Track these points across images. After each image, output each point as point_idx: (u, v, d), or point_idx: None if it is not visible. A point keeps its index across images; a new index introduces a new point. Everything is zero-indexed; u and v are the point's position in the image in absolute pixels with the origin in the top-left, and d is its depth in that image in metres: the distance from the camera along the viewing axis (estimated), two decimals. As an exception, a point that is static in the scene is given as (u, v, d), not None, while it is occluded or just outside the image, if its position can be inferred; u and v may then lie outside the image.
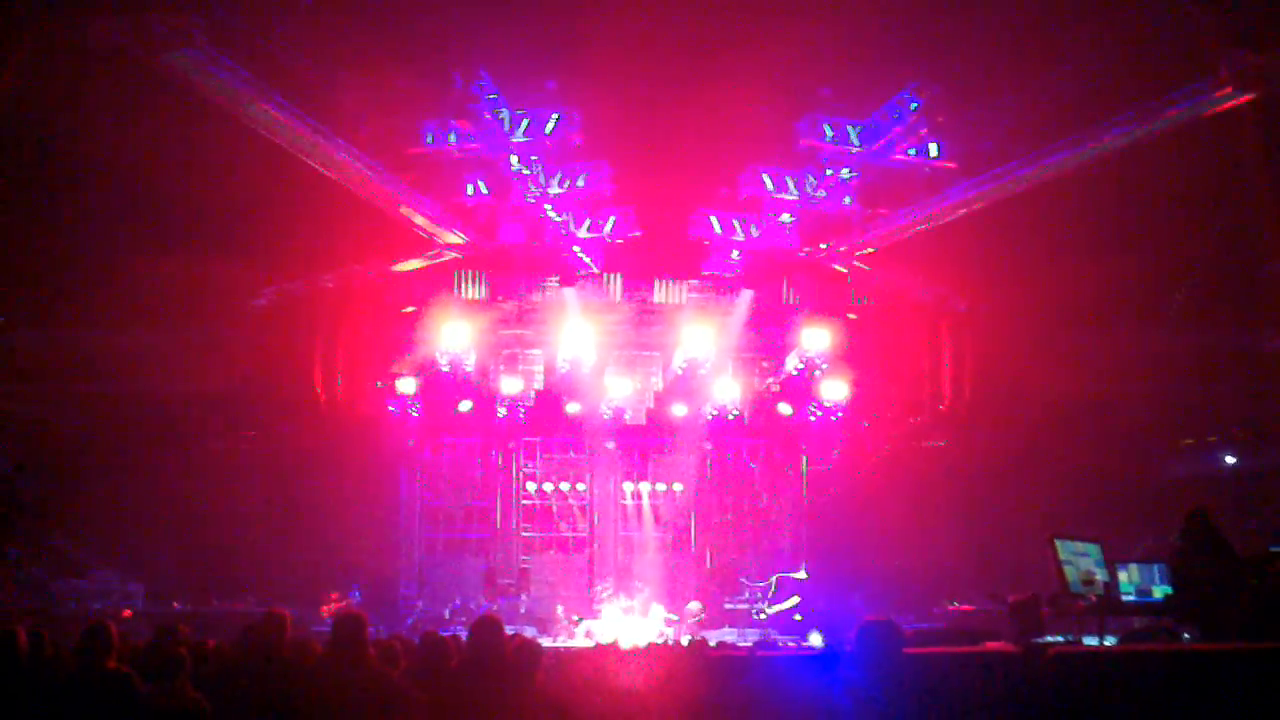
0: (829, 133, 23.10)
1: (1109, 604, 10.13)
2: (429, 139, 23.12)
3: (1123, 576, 10.19)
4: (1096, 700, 6.33)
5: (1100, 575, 10.08)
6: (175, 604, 19.81)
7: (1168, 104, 20.06)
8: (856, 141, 23.06)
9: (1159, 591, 10.31)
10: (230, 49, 18.57)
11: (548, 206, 23.42)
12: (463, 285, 24.97)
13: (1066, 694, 6.44)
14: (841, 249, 24.85)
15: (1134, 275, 21.23)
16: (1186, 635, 9.71)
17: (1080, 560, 9.96)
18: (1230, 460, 23.04)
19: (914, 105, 22.32)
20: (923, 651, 7.32)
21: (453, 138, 23.10)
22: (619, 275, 25.22)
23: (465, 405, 24.00)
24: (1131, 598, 10.12)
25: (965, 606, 21.29)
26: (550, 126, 22.58)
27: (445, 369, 23.33)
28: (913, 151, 23.36)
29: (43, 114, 17.88)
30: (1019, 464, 21.93)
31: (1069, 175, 21.37)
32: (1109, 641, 9.97)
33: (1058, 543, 9.78)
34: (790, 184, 23.53)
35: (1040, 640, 8.65)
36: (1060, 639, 10.16)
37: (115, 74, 17.77)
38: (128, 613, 18.22)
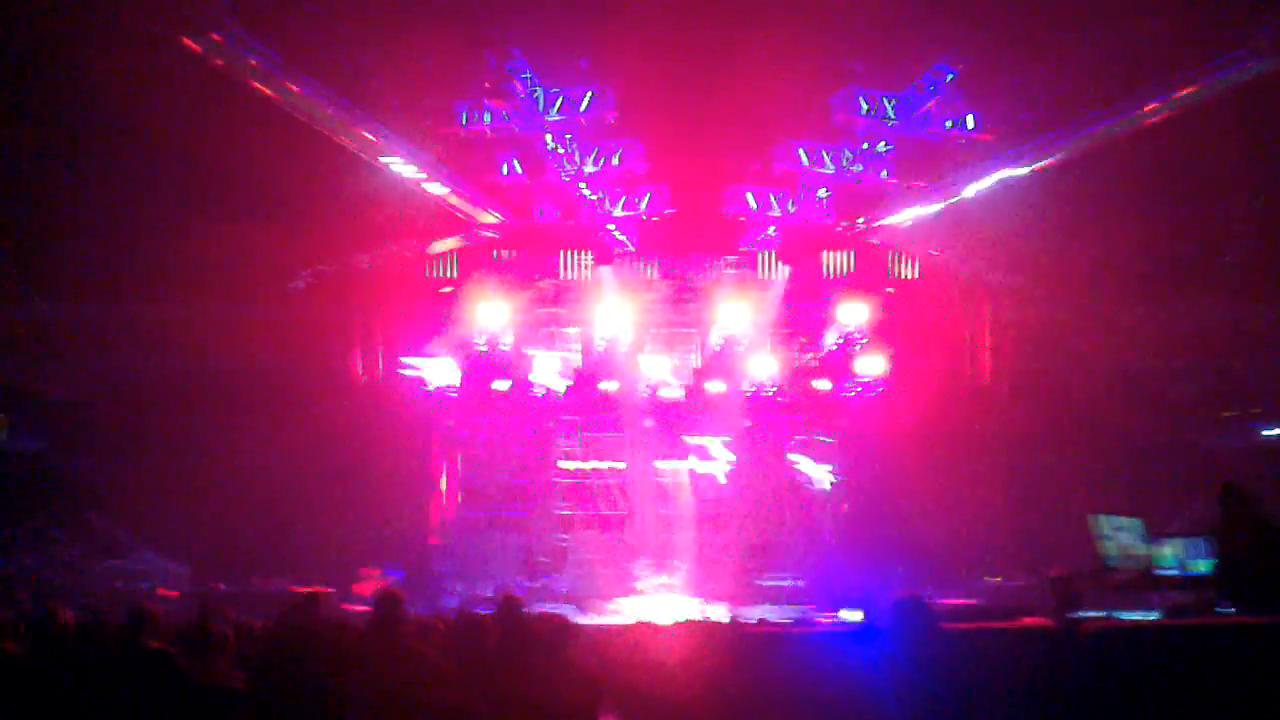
0: (864, 106, 22.90)
1: (1148, 578, 10.07)
2: (463, 119, 23.09)
3: (1165, 551, 10.12)
4: (1136, 675, 6.29)
5: (1141, 550, 10.02)
6: (217, 584, 19.97)
7: (1206, 72, 19.77)
8: (892, 114, 22.83)
9: (1201, 566, 10.23)
10: (260, 30, 18.60)
11: (582, 185, 23.40)
12: (499, 264, 24.92)
13: (1105, 669, 6.40)
14: (879, 223, 24.68)
15: (1174, 247, 21.04)
16: (1229, 609, 9.63)
17: (1120, 535, 9.90)
18: (1272, 432, 22.78)
19: (950, 77, 22.08)
20: (959, 627, 7.29)
21: (488, 117, 23.05)
22: (655, 253, 25.16)
23: (503, 384, 24.06)
24: (1173, 572, 10.04)
25: (1003, 581, 21.18)
26: (584, 105, 22.49)
27: (483, 349, 23.41)
28: (950, 124, 23.12)
29: (81, 88, 18.04)
30: (1058, 438, 21.80)
31: (1107, 146, 21.11)
32: (1148, 616, 9.90)
33: (1099, 518, 9.74)
34: (826, 158, 23.37)
35: (1078, 616, 8.60)
36: (1099, 614, 10.11)
37: (151, 53, 17.87)
38: (173, 593, 18.37)
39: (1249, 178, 20.43)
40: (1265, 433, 22.87)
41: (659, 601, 21.32)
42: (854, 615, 15.50)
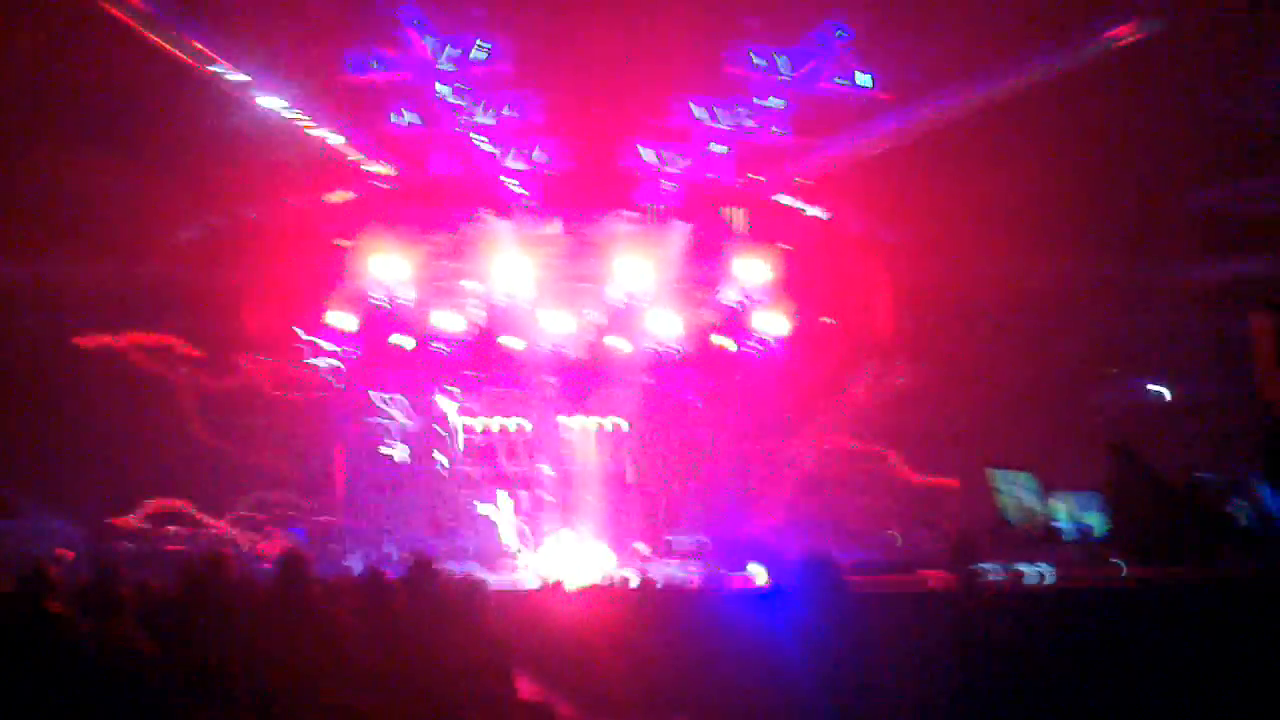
0: (757, 61, 22.96)
1: (1042, 532, 10.34)
2: (354, 66, 22.68)
3: (1056, 505, 10.40)
4: (1035, 628, 6.47)
5: (1035, 505, 10.29)
6: (115, 544, 19.59)
7: (1095, 32, 20.22)
8: (785, 70, 22.94)
9: (1092, 520, 10.55)
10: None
11: (476, 136, 23.14)
12: (396, 218, 24.56)
13: (1006, 623, 6.57)
14: (775, 180, 24.81)
15: (1063, 206, 21.48)
16: (1120, 563, 9.94)
17: (1015, 489, 10.17)
18: (1159, 391, 23.45)
19: (840, 33, 22.24)
20: (863, 581, 7.42)
21: (375, 64, 22.67)
22: (554, 208, 25.01)
23: (404, 340, 23.80)
24: (1065, 525, 10.34)
25: (904, 536, 21.59)
26: (477, 54, 22.24)
27: (381, 303, 23.12)
28: (842, 81, 23.29)
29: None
30: (953, 394, 22.21)
31: (996, 104, 21.49)
32: (1044, 569, 10.18)
33: (993, 472, 9.96)
34: (720, 114, 23.42)
35: (978, 569, 8.81)
36: (996, 567, 10.38)
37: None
38: (68, 553, 17.96)
39: (1135, 136, 20.94)
40: (1151, 391, 23.52)
41: (566, 560, 21.35)
42: (759, 573, 15.74)
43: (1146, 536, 9.35)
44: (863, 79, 23.07)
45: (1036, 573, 9.79)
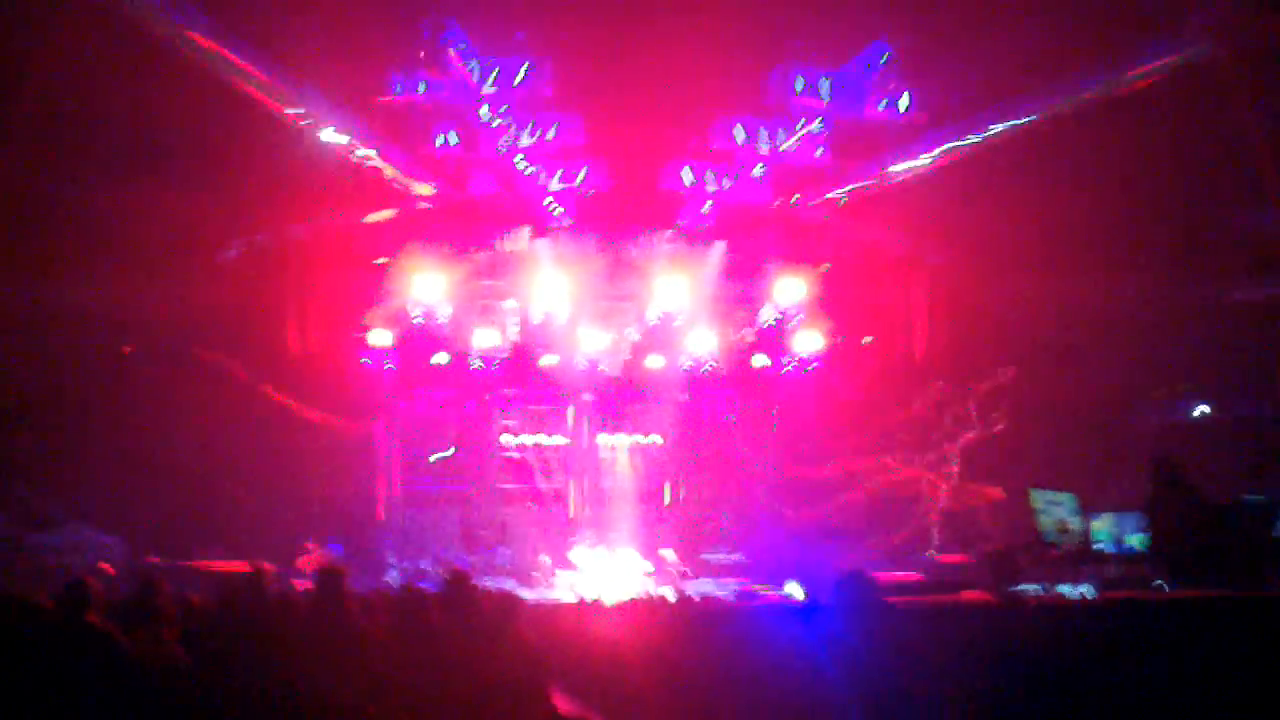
0: (800, 84, 23.01)
1: (1084, 553, 10.25)
2: (397, 89, 22.90)
3: (1097, 525, 10.31)
4: (1073, 648, 6.40)
5: (1075, 524, 10.20)
6: (154, 558, 19.73)
7: (1139, 57, 20.11)
8: (827, 93, 22.98)
9: (1133, 540, 10.45)
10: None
11: (519, 158, 23.28)
12: (435, 237, 24.70)
13: (1044, 642, 6.51)
14: (814, 201, 24.80)
15: (1105, 227, 21.35)
16: (1160, 583, 9.83)
17: (1055, 509, 10.10)
18: (1202, 410, 23.22)
19: (885, 56, 22.25)
20: (901, 601, 7.37)
21: (421, 88, 22.89)
22: (592, 227, 25.08)
23: (441, 357, 23.92)
24: (1106, 546, 10.24)
25: (943, 556, 21.43)
26: (519, 77, 22.40)
27: (419, 321, 23.27)
28: (884, 103, 23.29)
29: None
30: (994, 415, 22.08)
31: (1041, 128, 21.40)
32: (1084, 589, 10.09)
33: (1033, 492, 9.91)
34: (762, 136, 23.46)
35: (1016, 589, 8.76)
36: (1036, 587, 10.29)
37: (75, 16, 17.58)
38: (109, 568, 18.11)
39: (1180, 156, 20.79)
40: (1194, 411, 23.29)
41: (602, 577, 21.33)
42: (796, 590, 15.68)
43: (1189, 557, 9.25)
44: (904, 102, 23.08)
45: (1078, 593, 9.70)
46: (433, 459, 24.25)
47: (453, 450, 24.23)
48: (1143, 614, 6.76)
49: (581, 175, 23.90)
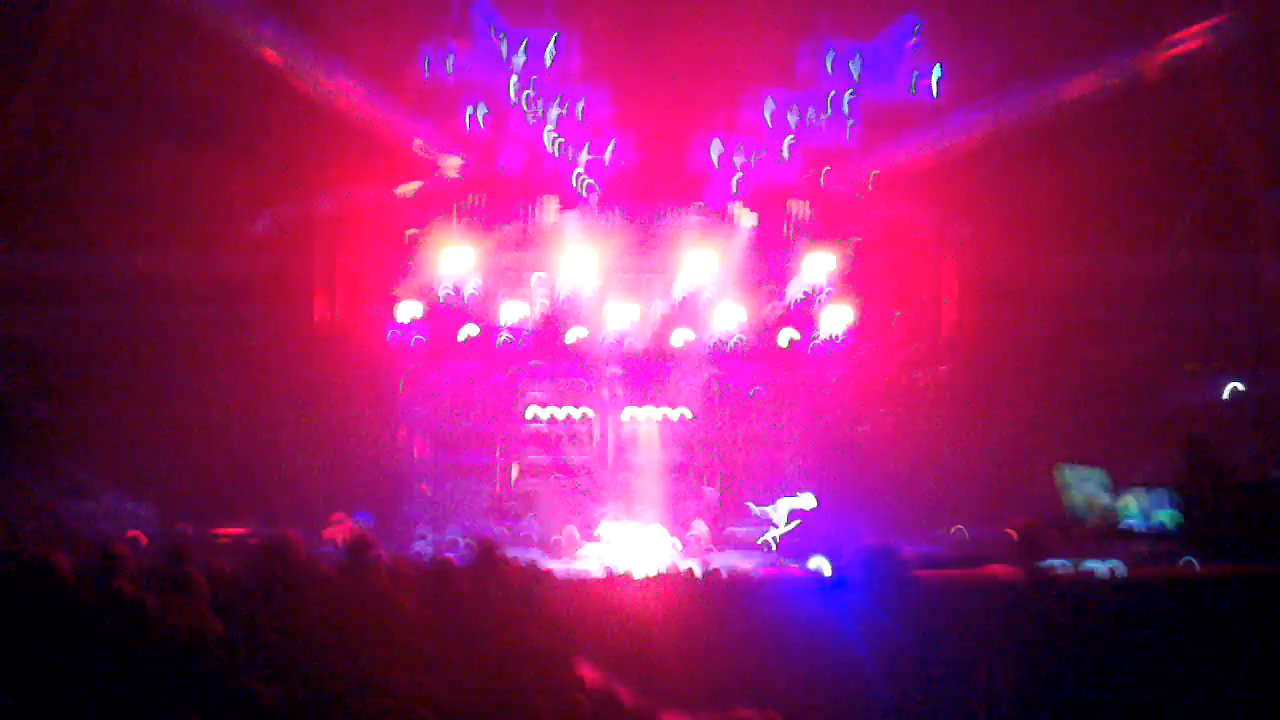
0: (830, 58, 22.89)
1: (1113, 528, 10.21)
2: (426, 63, 22.91)
3: (1127, 501, 10.26)
4: (1102, 624, 6.38)
5: (1105, 500, 10.16)
6: (185, 527, 19.90)
7: (1173, 30, 19.93)
8: (858, 67, 22.84)
9: (1163, 516, 10.40)
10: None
11: (548, 128, 23.26)
12: (463, 210, 24.73)
13: (1071, 618, 6.49)
14: (843, 176, 24.68)
15: (1137, 202, 21.20)
16: (1190, 559, 9.78)
17: (1085, 485, 10.07)
18: (1234, 387, 23.04)
19: (916, 30, 22.10)
20: (927, 574, 7.36)
21: (450, 62, 22.88)
22: (620, 201, 25.04)
23: (470, 330, 23.97)
24: (1136, 522, 10.20)
25: (970, 531, 21.36)
26: (549, 51, 22.37)
27: (448, 293, 23.32)
28: (915, 76, 23.16)
29: (29, 24, 17.86)
30: (1023, 390, 21.99)
31: (1072, 102, 21.23)
32: (1113, 565, 10.05)
33: (1063, 468, 9.87)
34: (791, 110, 23.35)
35: (1044, 565, 8.71)
36: (1064, 563, 10.25)
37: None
38: (141, 536, 18.27)
39: (1214, 129, 20.62)
40: (1225, 387, 23.11)
41: (630, 550, 21.37)
42: (824, 564, 15.68)
43: (1220, 534, 9.20)
44: (935, 75, 22.94)
45: (1107, 569, 9.66)
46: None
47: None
48: (1172, 590, 6.73)
49: (610, 149, 23.86)
